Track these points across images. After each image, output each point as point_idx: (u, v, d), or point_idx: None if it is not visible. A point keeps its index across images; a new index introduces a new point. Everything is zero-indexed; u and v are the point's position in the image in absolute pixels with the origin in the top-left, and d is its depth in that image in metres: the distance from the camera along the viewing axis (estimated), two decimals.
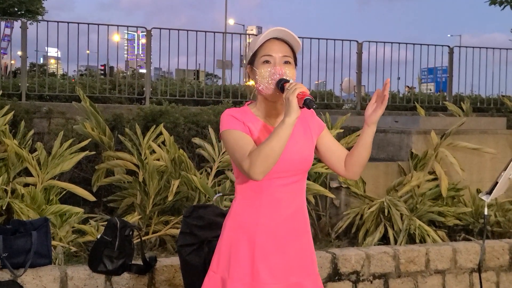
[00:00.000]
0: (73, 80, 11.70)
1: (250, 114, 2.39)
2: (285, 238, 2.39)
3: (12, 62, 14.91)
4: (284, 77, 2.32)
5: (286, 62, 2.37)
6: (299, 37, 2.49)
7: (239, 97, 9.90)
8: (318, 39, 10.57)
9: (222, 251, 2.39)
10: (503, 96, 11.83)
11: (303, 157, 2.41)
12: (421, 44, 11.48)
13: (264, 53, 2.37)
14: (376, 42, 11.31)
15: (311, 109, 2.41)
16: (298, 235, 2.43)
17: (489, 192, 3.61)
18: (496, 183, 3.58)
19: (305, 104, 2.20)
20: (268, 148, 2.19)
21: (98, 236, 3.95)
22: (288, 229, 2.40)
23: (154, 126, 5.52)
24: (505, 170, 3.60)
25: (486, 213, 3.78)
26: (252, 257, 2.34)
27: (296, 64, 2.45)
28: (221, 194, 4.75)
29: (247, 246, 2.35)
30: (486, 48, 11.72)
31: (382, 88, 2.34)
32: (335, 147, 2.55)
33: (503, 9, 12.29)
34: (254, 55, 2.40)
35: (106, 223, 4.02)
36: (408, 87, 13.20)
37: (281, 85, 2.30)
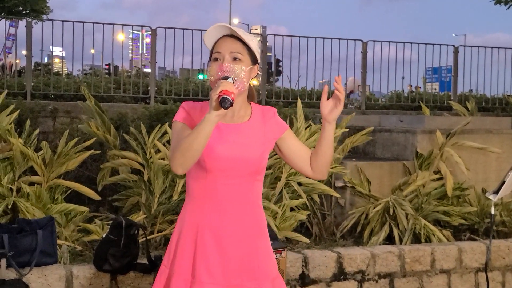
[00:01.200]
0: (78, 80, 11.71)
1: (206, 110, 2.31)
2: (228, 238, 2.35)
3: (17, 61, 14.93)
4: (229, 74, 2.28)
5: (235, 59, 2.34)
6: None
7: None
8: (323, 38, 10.56)
9: (171, 248, 2.41)
10: (508, 95, 11.79)
11: (248, 159, 2.35)
12: (426, 44, 11.46)
13: (214, 51, 2.38)
14: (381, 41, 11.30)
15: (274, 109, 2.48)
16: (244, 238, 2.38)
17: (496, 191, 3.60)
18: (503, 182, 3.57)
19: (220, 103, 2.16)
20: (186, 143, 2.20)
21: (104, 235, 3.95)
22: (233, 230, 2.36)
23: (159, 125, 5.52)
24: None
25: (493, 212, 3.77)
26: (193, 255, 2.35)
27: (255, 61, 2.40)
28: None
29: (190, 243, 2.36)
30: (491, 47, 11.70)
31: (335, 87, 2.31)
32: (298, 148, 2.48)
33: (508, 8, 12.25)
34: (211, 53, 2.40)
35: (111, 222, 4.03)
36: (410, 86, 13.17)
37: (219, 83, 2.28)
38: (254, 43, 2.40)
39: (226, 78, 2.25)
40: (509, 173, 3.56)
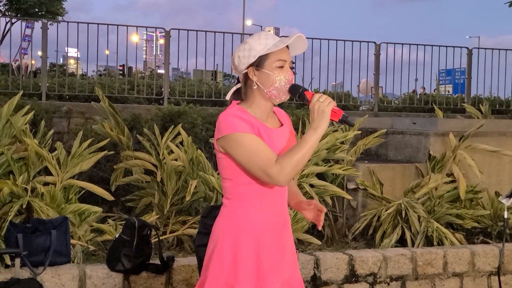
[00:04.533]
0: (92, 80, 11.77)
1: (249, 115, 2.36)
2: (282, 235, 2.45)
3: (33, 62, 15.03)
4: (294, 83, 2.38)
5: (291, 68, 2.43)
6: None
7: None
8: (336, 40, 10.51)
9: (225, 256, 2.36)
10: None
11: None
12: (439, 46, 11.37)
13: (279, 58, 2.37)
14: (394, 43, 11.23)
15: (287, 114, 2.57)
16: (289, 230, 2.52)
17: (509, 196, 3.56)
18: None
19: (343, 121, 2.28)
20: (300, 156, 2.23)
21: (117, 236, 3.97)
22: (283, 226, 2.46)
23: (172, 126, 5.54)
24: None
25: (506, 216, 3.74)
26: (258, 258, 2.36)
27: None
28: None
29: (253, 248, 2.36)
30: (506, 50, 11.57)
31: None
32: None
33: None
34: (264, 57, 2.37)
35: (124, 222, 4.04)
36: (423, 88, 13.09)
37: (301, 92, 2.34)
38: None
39: (305, 89, 2.35)
40: None
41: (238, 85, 2.47)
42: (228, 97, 2.48)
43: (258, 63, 2.37)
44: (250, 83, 2.40)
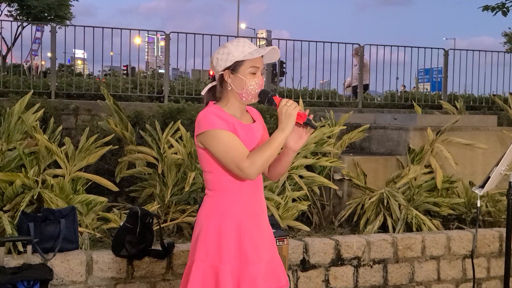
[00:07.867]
0: (97, 80, 11.71)
1: (225, 113, 2.40)
2: (260, 218, 2.48)
3: (43, 63, 14.92)
4: (264, 88, 2.44)
5: (262, 74, 2.46)
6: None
7: None
8: (323, 42, 10.51)
9: (210, 241, 2.39)
10: (494, 95, 11.69)
11: None
12: (418, 47, 11.38)
13: (253, 65, 2.40)
14: (377, 45, 11.24)
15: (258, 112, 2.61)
16: (265, 217, 2.54)
17: (482, 186, 3.56)
18: (489, 177, 3.53)
19: (308, 124, 2.37)
20: (269, 153, 2.30)
21: (121, 224, 3.96)
22: (261, 210, 2.50)
23: (172, 122, 5.53)
24: (497, 165, 3.55)
25: (478, 204, 3.75)
26: (240, 242, 2.39)
27: None
28: None
29: (235, 232, 2.39)
30: (479, 50, 11.59)
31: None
32: None
33: (495, 14, 12.14)
34: (239, 63, 2.39)
35: (128, 211, 4.03)
36: (403, 86, 13.09)
37: (270, 97, 2.40)
38: None
39: (273, 94, 2.42)
40: (494, 169, 3.52)
41: (214, 83, 2.49)
42: (203, 93, 2.51)
43: (234, 68, 2.40)
44: (225, 84, 2.43)
